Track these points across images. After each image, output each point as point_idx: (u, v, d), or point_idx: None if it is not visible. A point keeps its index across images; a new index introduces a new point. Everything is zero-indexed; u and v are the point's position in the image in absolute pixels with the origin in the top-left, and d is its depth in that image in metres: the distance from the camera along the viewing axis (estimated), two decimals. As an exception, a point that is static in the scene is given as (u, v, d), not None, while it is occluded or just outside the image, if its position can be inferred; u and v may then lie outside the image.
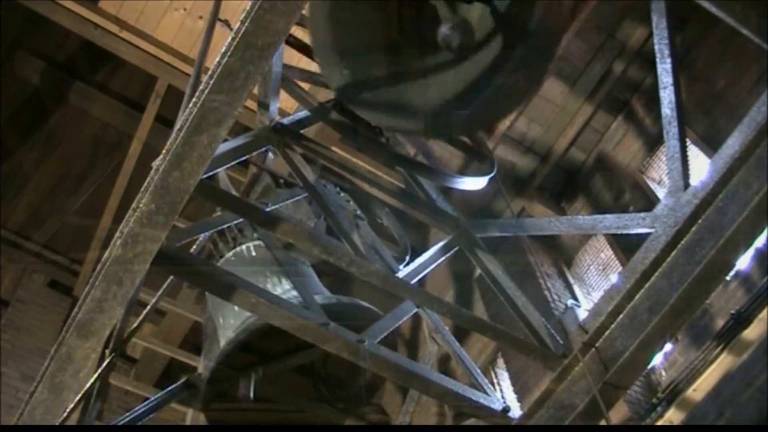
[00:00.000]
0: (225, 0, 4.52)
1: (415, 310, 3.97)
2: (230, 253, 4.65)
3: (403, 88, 4.10)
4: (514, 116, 8.18)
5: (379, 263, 3.78)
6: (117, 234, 2.95)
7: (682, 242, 3.22)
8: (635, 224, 3.55)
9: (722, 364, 4.90)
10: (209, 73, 2.77)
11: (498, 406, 3.65)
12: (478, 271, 4.06)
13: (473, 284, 8.07)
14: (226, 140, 3.69)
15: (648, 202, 7.17)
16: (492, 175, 4.45)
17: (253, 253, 4.59)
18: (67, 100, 9.03)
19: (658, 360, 5.76)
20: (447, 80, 4.05)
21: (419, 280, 3.86)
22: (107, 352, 4.12)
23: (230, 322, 4.18)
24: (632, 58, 7.95)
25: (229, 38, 2.70)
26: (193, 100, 2.80)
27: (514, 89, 4.09)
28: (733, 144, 3.19)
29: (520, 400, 6.88)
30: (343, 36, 3.96)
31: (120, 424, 3.98)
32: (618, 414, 5.36)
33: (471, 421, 3.99)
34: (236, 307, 3.92)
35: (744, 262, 5.34)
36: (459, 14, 3.80)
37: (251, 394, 4.02)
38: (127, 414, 4.06)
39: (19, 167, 9.31)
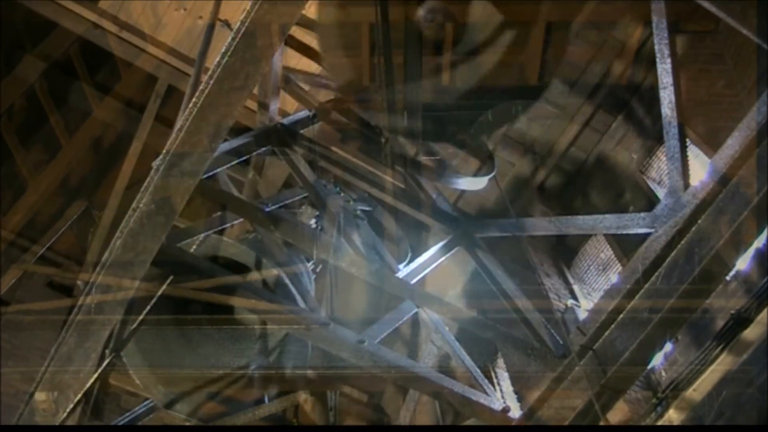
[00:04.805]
0: (225, 0, 4.53)
1: (415, 310, 3.97)
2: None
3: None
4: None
5: (379, 263, 3.77)
6: (117, 234, 2.95)
7: (682, 242, 3.21)
8: (635, 224, 3.55)
9: (722, 364, 4.88)
10: (209, 73, 2.77)
11: (498, 406, 3.65)
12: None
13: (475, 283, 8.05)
14: (226, 140, 3.69)
15: (648, 202, 7.16)
16: (492, 175, 4.46)
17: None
18: (67, 100, 9.02)
19: (658, 360, 5.75)
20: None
21: (419, 280, 3.86)
22: (107, 352, 4.12)
23: None
24: (632, 58, 7.94)
25: (229, 38, 2.70)
26: (193, 100, 2.80)
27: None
28: (733, 144, 3.19)
29: (520, 400, 6.86)
30: None
31: (120, 424, 3.98)
32: (618, 414, 5.35)
33: (471, 421, 3.98)
34: None
35: (744, 262, 5.33)
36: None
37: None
38: (127, 414, 4.06)
39: (19, 168, 9.29)
